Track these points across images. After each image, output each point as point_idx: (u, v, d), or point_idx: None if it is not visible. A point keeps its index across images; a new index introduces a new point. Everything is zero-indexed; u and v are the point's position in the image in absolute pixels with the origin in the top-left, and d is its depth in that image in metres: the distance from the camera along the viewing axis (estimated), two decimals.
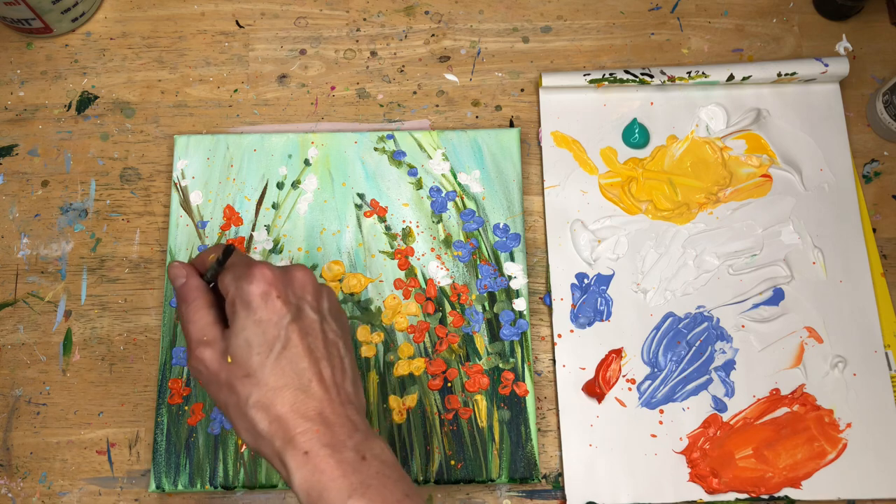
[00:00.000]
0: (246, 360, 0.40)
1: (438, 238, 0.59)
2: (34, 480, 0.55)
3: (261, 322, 0.41)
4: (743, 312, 0.58)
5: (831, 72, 0.61)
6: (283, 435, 0.39)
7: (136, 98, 0.64)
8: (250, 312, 0.41)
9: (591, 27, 0.66)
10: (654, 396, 0.56)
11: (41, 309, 0.59)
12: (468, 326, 0.57)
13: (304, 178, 0.60)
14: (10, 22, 0.62)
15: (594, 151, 0.62)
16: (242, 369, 0.40)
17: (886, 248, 0.60)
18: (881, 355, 0.57)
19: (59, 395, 0.57)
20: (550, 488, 0.55)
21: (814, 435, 0.55)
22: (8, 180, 0.62)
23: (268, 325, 0.41)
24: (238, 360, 0.41)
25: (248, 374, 0.40)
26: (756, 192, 0.61)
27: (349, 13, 0.66)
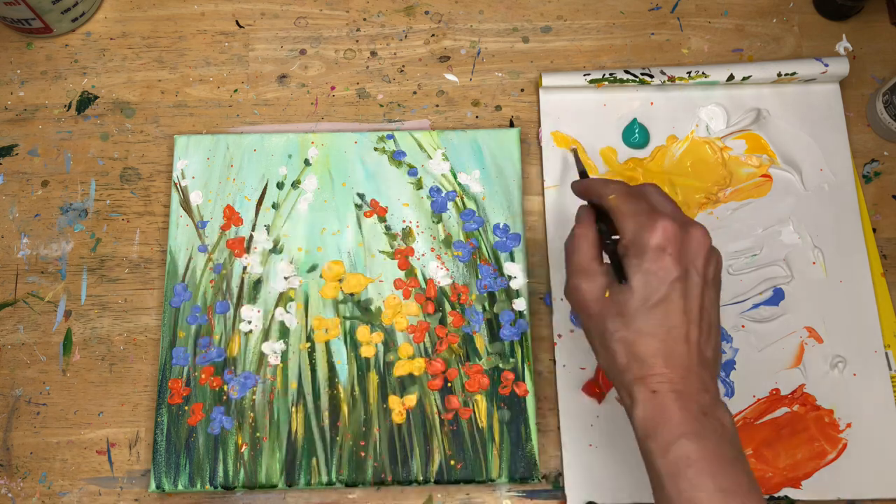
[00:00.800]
0: (623, 301, 0.43)
1: (438, 238, 0.59)
2: (34, 480, 0.55)
3: (648, 272, 0.42)
4: (743, 312, 0.58)
5: (831, 72, 0.61)
6: (639, 372, 0.42)
7: (136, 98, 0.64)
8: (641, 261, 0.42)
9: (591, 27, 0.66)
10: None
11: (41, 309, 0.59)
12: (468, 326, 0.57)
13: (304, 178, 0.60)
14: (10, 22, 0.62)
15: (594, 151, 0.62)
16: (616, 307, 0.43)
17: (886, 248, 0.60)
18: (881, 355, 0.57)
19: (59, 395, 0.57)
20: (550, 488, 0.55)
21: (814, 435, 0.55)
22: (8, 180, 0.62)
23: (653, 277, 0.42)
24: (615, 299, 0.43)
25: (620, 314, 0.43)
26: (756, 192, 0.61)
27: (349, 13, 0.66)
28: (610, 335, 0.43)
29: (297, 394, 0.56)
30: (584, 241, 0.46)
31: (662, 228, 0.42)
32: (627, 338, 0.42)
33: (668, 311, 0.42)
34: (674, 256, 0.42)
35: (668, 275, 0.42)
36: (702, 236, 0.43)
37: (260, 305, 0.57)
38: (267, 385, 0.56)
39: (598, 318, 0.44)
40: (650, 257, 0.42)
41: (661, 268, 0.42)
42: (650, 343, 0.42)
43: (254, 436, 0.55)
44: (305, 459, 0.54)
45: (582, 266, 0.45)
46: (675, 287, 0.42)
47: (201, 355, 0.56)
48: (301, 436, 0.55)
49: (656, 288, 0.42)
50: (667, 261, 0.42)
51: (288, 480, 0.54)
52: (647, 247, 0.42)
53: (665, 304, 0.42)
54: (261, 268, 0.58)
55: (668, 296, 0.42)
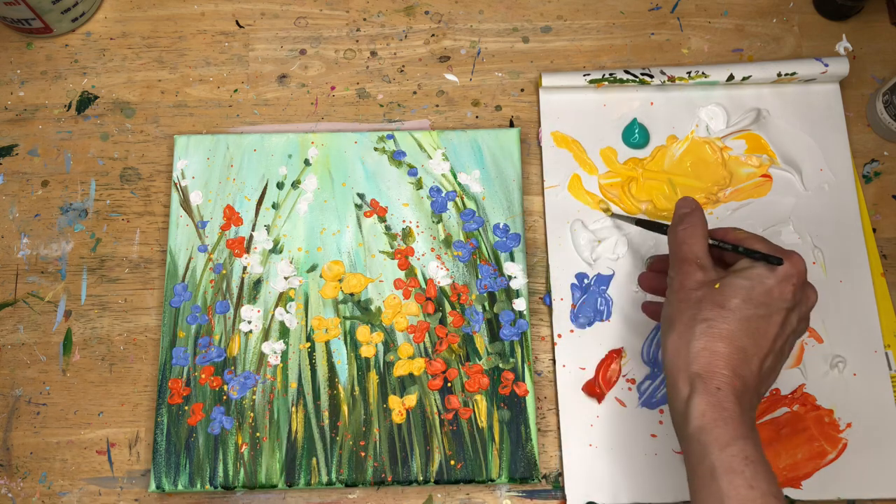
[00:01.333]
0: (729, 297, 0.44)
1: (438, 238, 0.59)
2: (34, 480, 0.55)
3: (767, 288, 0.44)
4: None
5: (831, 72, 0.61)
6: (708, 365, 0.43)
7: (136, 98, 0.64)
8: (766, 277, 0.44)
9: (591, 27, 0.66)
10: (654, 396, 0.56)
11: (41, 309, 0.59)
12: (468, 326, 0.57)
13: (304, 178, 0.60)
14: (10, 22, 0.62)
15: (594, 151, 0.62)
16: (720, 299, 0.44)
17: (886, 248, 0.60)
18: (881, 355, 0.57)
19: (59, 395, 0.57)
20: (550, 488, 0.55)
21: (814, 435, 0.55)
22: (8, 180, 0.62)
23: (768, 295, 0.44)
24: (723, 291, 0.44)
25: (721, 305, 0.44)
26: (756, 192, 0.61)
27: (349, 13, 0.66)
28: (701, 320, 0.44)
29: (297, 394, 0.56)
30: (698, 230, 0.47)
31: (798, 260, 0.45)
32: (713, 330, 0.43)
33: (762, 330, 0.44)
34: (795, 288, 0.44)
35: (783, 301, 0.44)
36: (814, 296, 0.47)
37: (260, 305, 0.58)
38: (267, 385, 0.56)
39: (695, 302, 0.45)
40: (776, 278, 0.44)
41: (780, 291, 0.44)
42: (731, 346, 0.43)
43: (254, 436, 0.55)
44: (305, 459, 0.54)
45: (699, 256, 0.46)
46: (781, 313, 0.44)
47: (201, 355, 0.56)
48: (301, 436, 0.55)
49: (766, 304, 0.44)
50: (788, 289, 0.44)
51: (288, 480, 0.54)
52: (779, 268, 0.44)
53: (765, 322, 0.44)
54: (261, 268, 0.58)
55: (771, 316, 0.44)
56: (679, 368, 0.44)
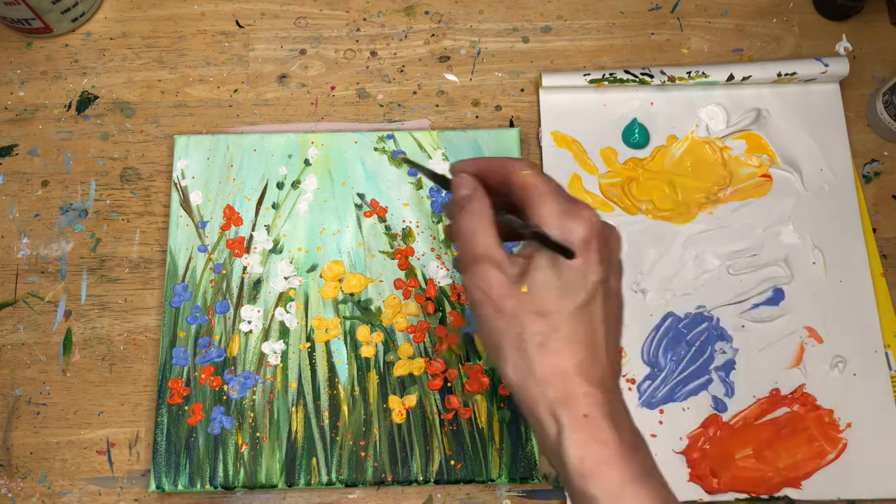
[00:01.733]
0: (544, 297, 0.37)
1: (438, 238, 0.59)
2: (34, 480, 0.55)
3: (573, 267, 0.37)
4: (743, 312, 0.58)
5: (831, 72, 0.61)
6: (564, 388, 0.37)
7: (136, 98, 0.64)
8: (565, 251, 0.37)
9: (591, 27, 0.66)
10: (654, 396, 0.56)
11: (41, 309, 0.59)
12: (468, 326, 0.57)
13: (304, 178, 0.60)
14: (10, 22, 0.62)
15: (594, 151, 0.62)
16: (536, 305, 0.37)
17: (886, 248, 0.60)
18: (881, 355, 0.57)
19: (59, 395, 0.57)
20: (550, 488, 0.55)
21: (814, 435, 0.55)
22: (8, 180, 0.62)
23: (578, 273, 0.37)
24: (535, 294, 0.37)
25: (541, 313, 0.37)
26: (756, 192, 0.61)
27: (349, 13, 0.66)
28: (530, 340, 0.37)
29: (297, 394, 0.56)
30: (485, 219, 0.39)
31: (588, 219, 0.37)
32: (551, 344, 0.37)
33: (593, 315, 0.37)
34: (600, 254, 0.37)
35: (594, 274, 0.37)
36: (619, 239, 0.40)
37: (260, 305, 0.57)
38: (267, 385, 0.56)
39: (512, 318, 0.38)
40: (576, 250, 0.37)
41: (587, 263, 0.37)
42: (577, 352, 0.37)
43: (254, 436, 0.55)
44: (305, 459, 0.54)
45: (490, 251, 0.38)
46: (598, 288, 0.38)
47: (201, 355, 0.56)
48: (301, 436, 0.55)
49: (582, 287, 0.37)
50: (593, 258, 0.37)
51: (288, 480, 0.54)
52: (573, 236, 0.37)
53: (591, 307, 0.37)
54: (261, 268, 0.58)
55: (593, 297, 0.37)
56: (535, 402, 0.37)
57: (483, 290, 0.38)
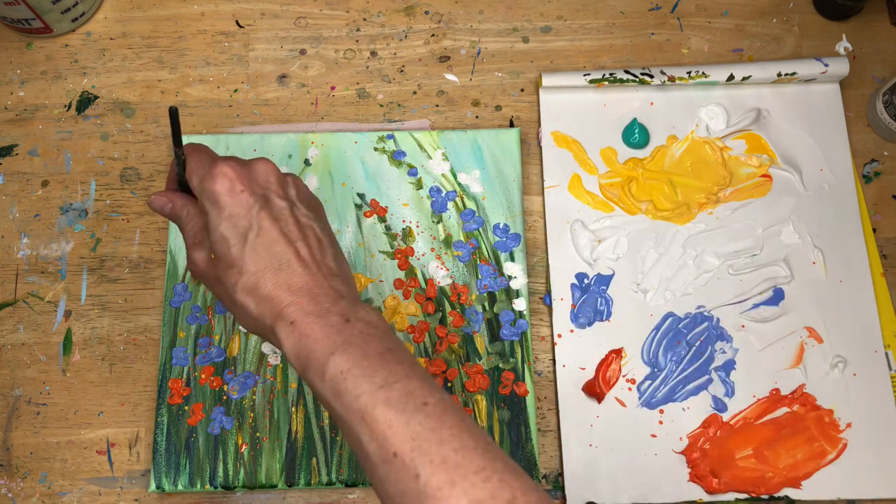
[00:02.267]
0: (226, 253, 0.42)
1: (438, 238, 0.59)
2: (34, 480, 0.55)
3: (231, 216, 0.42)
4: (743, 312, 0.58)
5: (831, 72, 0.61)
6: (272, 311, 0.41)
7: (136, 98, 0.64)
8: (220, 209, 0.43)
9: (591, 27, 0.66)
10: (654, 396, 0.56)
11: (41, 309, 0.59)
12: (468, 326, 0.57)
13: (305, 178, 0.60)
14: (10, 22, 0.62)
15: (594, 151, 0.62)
16: (225, 262, 0.43)
17: (886, 248, 0.60)
18: (881, 355, 0.57)
19: (59, 395, 0.57)
20: (550, 488, 0.55)
21: (814, 435, 0.55)
22: (8, 180, 0.62)
23: (238, 217, 0.42)
24: (219, 255, 0.43)
25: (230, 266, 0.42)
26: (756, 192, 0.61)
27: (349, 13, 0.66)
28: (233, 290, 0.42)
29: (296, 394, 0.56)
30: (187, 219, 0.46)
31: (221, 171, 0.43)
32: (247, 284, 0.42)
33: (267, 241, 0.42)
34: (248, 191, 0.43)
35: (251, 208, 0.42)
36: (265, 166, 0.44)
37: None
38: (267, 385, 0.56)
39: (216, 281, 0.44)
40: (224, 201, 0.42)
41: (239, 205, 0.42)
42: (268, 277, 0.41)
43: (254, 436, 0.55)
44: (305, 459, 0.54)
45: (192, 238, 0.45)
46: (262, 216, 0.42)
47: (201, 355, 0.56)
48: (301, 436, 0.55)
49: (246, 224, 0.42)
50: (242, 197, 0.42)
51: (288, 480, 0.54)
52: (217, 193, 0.43)
53: (262, 236, 0.42)
54: None
55: (260, 226, 0.42)
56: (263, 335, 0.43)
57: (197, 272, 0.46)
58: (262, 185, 0.44)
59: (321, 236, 0.44)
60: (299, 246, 0.43)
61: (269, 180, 0.44)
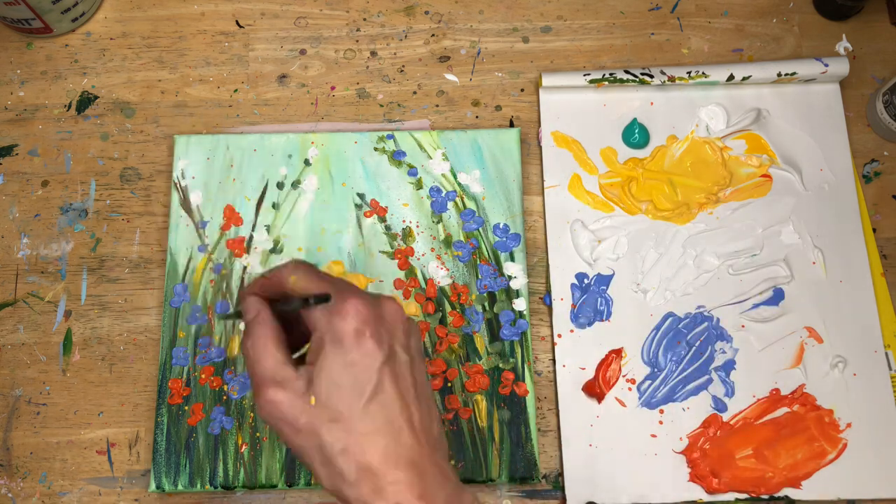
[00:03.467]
0: (334, 403, 0.37)
1: (438, 238, 0.59)
2: (34, 480, 0.55)
3: (353, 363, 0.38)
4: (743, 312, 0.58)
5: (831, 72, 0.61)
6: (373, 484, 0.37)
7: (136, 98, 0.64)
8: (341, 351, 0.38)
9: (591, 27, 0.66)
10: (654, 396, 0.56)
11: (41, 309, 0.59)
12: (468, 326, 0.57)
13: (305, 178, 0.60)
14: (10, 22, 0.62)
15: (594, 151, 0.62)
16: (329, 413, 0.37)
17: (886, 248, 0.60)
18: (881, 355, 0.57)
19: (59, 395, 0.57)
20: (550, 488, 0.55)
21: (814, 435, 0.55)
22: (8, 180, 0.62)
23: (360, 367, 0.38)
24: (324, 403, 0.38)
25: (335, 419, 0.37)
26: (756, 192, 0.61)
27: (349, 13, 0.66)
28: (331, 449, 0.37)
29: None
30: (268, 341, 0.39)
31: (355, 309, 0.38)
32: (352, 447, 0.37)
33: (385, 401, 0.38)
34: (375, 338, 0.38)
35: (375, 360, 0.38)
36: (396, 310, 0.40)
37: None
38: None
39: (309, 433, 0.38)
40: (349, 344, 0.38)
41: (365, 354, 0.38)
42: (377, 443, 0.37)
43: (254, 436, 0.55)
44: None
45: (273, 373, 0.38)
46: (384, 372, 0.38)
47: (201, 355, 0.56)
48: None
49: (367, 378, 0.38)
50: (369, 344, 0.38)
51: (288, 480, 0.54)
52: (343, 333, 0.38)
53: (380, 394, 0.38)
54: (261, 268, 0.58)
55: (380, 383, 0.38)
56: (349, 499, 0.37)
57: (274, 415, 0.38)
58: (390, 332, 0.39)
59: (430, 398, 0.40)
60: (413, 411, 0.38)
61: (397, 326, 0.40)
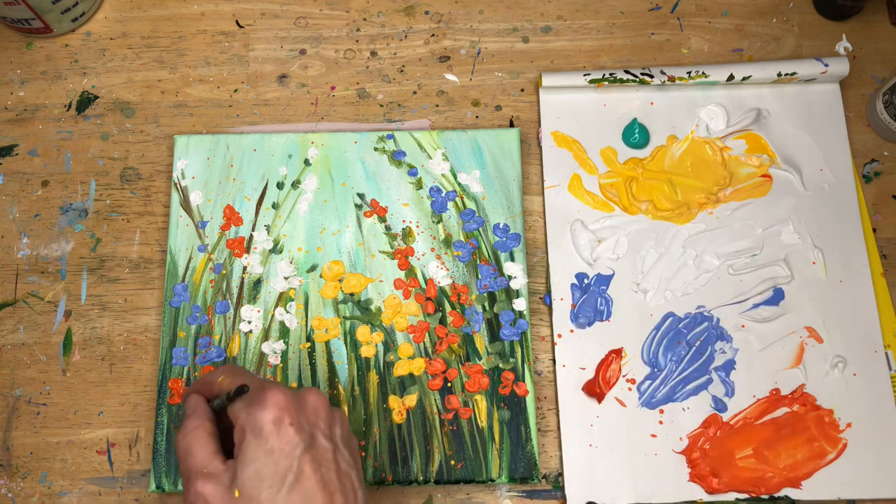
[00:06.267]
0: (255, 493, 0.38)
1: (438, 238, 0.59)
2: (34, 480, 0.55)
3: (272, 451, 0.39)
4: (743, 312, 0.58)
5: (831, 72, 0.61)
6: None
7: (136, 98, 0.64)
8: (261, 441, 0.39)
9: (591, 27, 0.66)
10: (654, 396, 0.56)
11: (41, 309, 0.59)
12: (468, 326, 0.57)
13: (304, 178, 0.60)
14: (10, 22, 0.62)
15: (594, 151, 0.62)
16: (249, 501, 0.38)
17: (886, 248, 0.60)
18: (881, 355, 0.57)
19: (59, 395, 0.57)
20: (550, 488, 0.55)
21: (814, 435, 0.55)
22: (8, 180, 0.62)
23: (280, 454, 0.39)
24: (246, 494, 0.38)
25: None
26: (756, 192, 0.61)
27: (349, 13, 0.66)
28: None
29: None
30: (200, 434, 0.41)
31: (274, 400, 0.39)
32: None
33: (306, 490, 0.38)
34: (295, 426, 0.39)
35: (295, 448, 0.39)
36: (316, 399, 0.41)
37: (260, 305, 0.57)
38: None
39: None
40: (269, 432, 0.39)
41: (285, 442, 0.39)
42: None
43: None
44: None
45: (202, 466, 0.40)
46: (305, 459, 0.39)
47: (201, 355, 0.56)
48: None
49: (287, 465, 0.38)
50: (289, 432, 0.39)
51: None
52: (263, 422, 0.39)
53: (301, 483, 0.38)
54: (261, 268, 0.58)
55: (301, 471, 0.39)
56: None
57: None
58: (311, 422, 0.40)
59: (357, 487, 0.41)
60: (336, 499, 0.39)
61: (319, 416, 0.41)
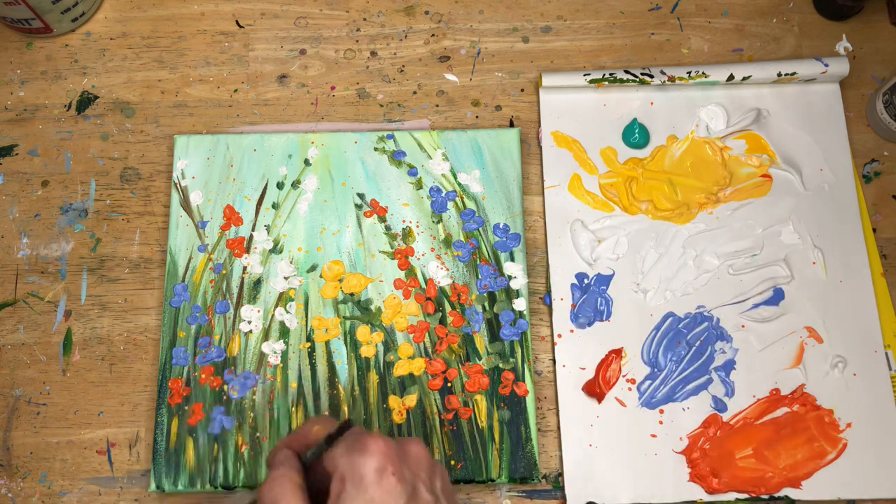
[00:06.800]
0: None
1: (438, 238, 0.59)
2: (34, 480, 0.55)
3: (373, 502, 0.37)
4: (743, 312, 0.58)
5: (831, 72, 0.61)
6: None
7: (136, 98, 0.64)
8: (362, 490, 0.37)
9: (591, 27, 0.66)
10: (654, 396, 0.56)
11: (41, 309, 0.59)
12: (468, 326, 0.57)
13: (304, 178, 0.60)
14: (10, 22, 0.62)
15: (594, 151, 0.62)
16: None
17: (886, 248, 0.60)
18: (881, 355, 0.57)
19: (59, 395, 0.57)
20: (550, 488, 0.55)
21: (814, 435, 0.55)
22: (8, 180, 0.62)
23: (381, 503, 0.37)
24: None
25: None
26: (756, 192, 0.61)
27: (349, 13, 0.66)
28: None
29: (297, 394, 0.56)
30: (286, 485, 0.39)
31: (376, 446, 0.38)
32: None
33: None
34: (397, 476, 0.38)
35: (397, 499, 0.37)
36: (419, 450, 0.40)
37: (260, 305, 0.58)
38: (267, 385, 0.56)
39: None
40: (370, 482, 0.37)
41: (386, 492, 0.37)
42: None
43: (254, 436, 0.55)
44: None
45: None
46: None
47: (201, 355, 0.56)
48: None
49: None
50: (391, 482, 0.37)
51: None
52: (365, 470, 0.37)
53: None
54: (261, 268, 0.58)
55: None
56: None
57: None
58: (413, 472, 0.39)
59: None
60: None
61: (420, 466, 0.39)
